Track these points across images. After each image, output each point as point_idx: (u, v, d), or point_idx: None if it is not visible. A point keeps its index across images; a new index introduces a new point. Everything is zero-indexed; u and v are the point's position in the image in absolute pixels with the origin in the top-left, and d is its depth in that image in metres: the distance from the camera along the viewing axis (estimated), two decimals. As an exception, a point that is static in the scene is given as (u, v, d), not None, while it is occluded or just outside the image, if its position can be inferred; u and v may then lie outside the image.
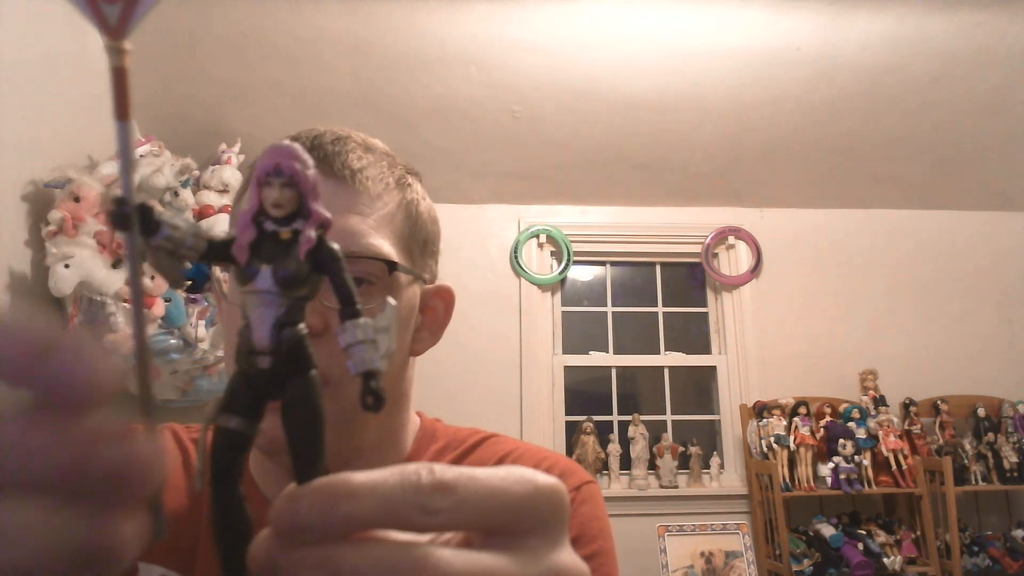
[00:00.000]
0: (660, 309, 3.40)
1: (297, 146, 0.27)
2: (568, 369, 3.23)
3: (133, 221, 0.24)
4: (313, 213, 0.27)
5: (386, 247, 0.60)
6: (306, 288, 0.27)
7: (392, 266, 0.60)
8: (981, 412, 3.07)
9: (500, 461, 0.67)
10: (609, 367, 3.29)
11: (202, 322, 2.23)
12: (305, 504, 0.23)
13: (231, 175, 2.49)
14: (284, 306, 0.26)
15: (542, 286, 3.25)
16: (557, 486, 0.27)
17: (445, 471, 0.24)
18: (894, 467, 2.88)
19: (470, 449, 0.70)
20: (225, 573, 0.26)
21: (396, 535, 0.24)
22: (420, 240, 0.66)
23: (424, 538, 0.24)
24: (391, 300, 0.27)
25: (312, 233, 0.27)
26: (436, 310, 0.69)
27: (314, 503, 0.23)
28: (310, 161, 0.27)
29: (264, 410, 0.27)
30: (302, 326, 0.27)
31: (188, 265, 0.27)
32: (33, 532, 0.20)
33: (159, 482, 0.22)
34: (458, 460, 0.66)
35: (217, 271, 0.65)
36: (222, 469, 0.26)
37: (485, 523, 0.25)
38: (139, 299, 0.26)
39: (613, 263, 3.44)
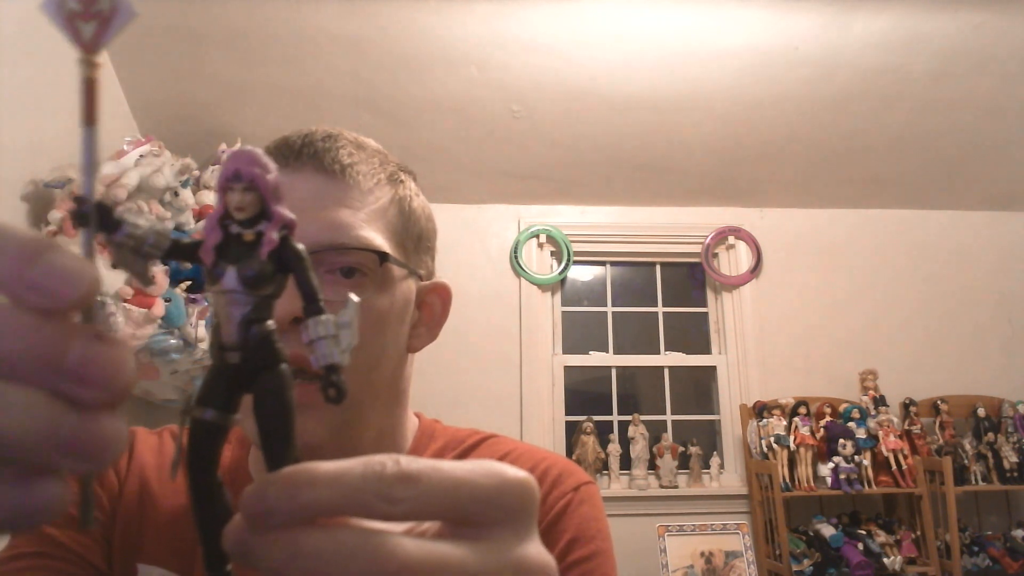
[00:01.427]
0: (660, 309, 3.40)
1: (257, 151, 0.28)
2: (568, 369, 3.23)
3: (91, 218, 0.26)
4: (275, 215, 0.28)
5: (378, 240, 0.61)
6: (271, 287, 0.28)
7: (383, 257, 0.60)
8: (981, 412, 3.07)
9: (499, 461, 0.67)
10: (609, 367, 3.29)
11: (202, 322, 2.23)
12: (272, 490, 0.24)
13: (231, 175, 2.49)
14: (250, 304, 0.28)
15: (542, 286, 3.25)
16: (526, 479, 0.28)
17: (411, 462, 0.25)
18: (894, 467, 2.88)
19: (469, 449, 0.70)
20: (205, 555, 0.28)
21: (363, 522, 0.25)
22: (414, 235, 0.66)
23: (391, 526, 0.25)
24: (353, 297, 0.28)
25: (275, 234, 0.28)
26: (433, 307, 0.69)
27: (280, 490, 0.24)
28: (271, 165, 0.28)
29: (238, 403, 0.28)
30: (270, 323, 0.28)
31: (156, 266, 0.28)
32: (17, 412, 0.21)
33: (130, 384, 0.23)
34: (457, 460, 0.66)
35: None
36: (199, 458, 0.28)
37: (450, 513, 0.26)
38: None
39: (613, 263, 3.44)
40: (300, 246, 0.28)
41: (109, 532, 0.64)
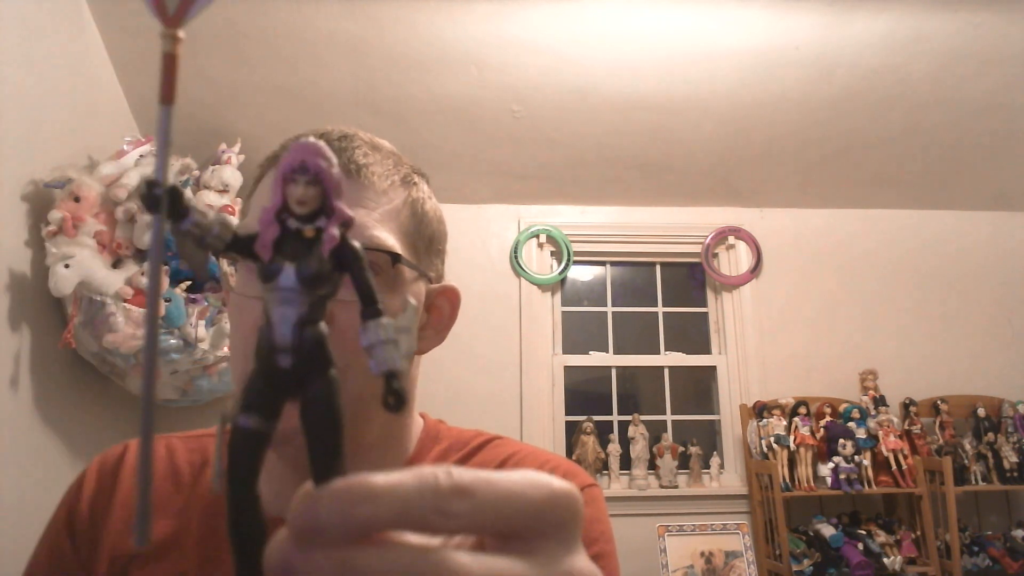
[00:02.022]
0: (660, 309, 3.40)
1: (322, 143, 0.27)
2: (568, 369, 3.23)
3: (163, 203, 0.25)
4: (337, 211, 0.27)
5: (390, 240, 0.61)
6: (328, 286, 0.27)
7: (396, 258, 0.60)
8: (981, 412, 3.07)
9: (503, 463, 0.68)
10: (609, 367, 3.29)
11: (202, 322, 2.23)
12: (324, 505, 0.23)
13: (231, 175, 2.49)
14: (306, 304, 0.26)
15: (542, 286, 3.25)
16: (572, 491, 0.27)
17: (463, 474, 0.24)
18: (894, 467, 2.88)
19: (474, 451, 0.70)
20: (238, 573, 0.26)
21: (412, 537, 0.24)
22: (425, 238, 0.66)
23: (440, 541, 0.24)
24: (412, 300, 0.28)
25: (335, 231, 0.27)
26: (442, 310, 0.69)
27: (333, 504, 0.23)
28: (334, 159, 0.27)
29: (282, 409, 0.27)
30: (323, 324, 0.27)
31: (211, 257, 0.28)
32: None
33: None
34: (462, 461, 0.67)
35: (224, 264, 0.65)
36: (239, 468, 0.26)
37: (502, 527, 0.25)
38: (156, 283, 0.26)
39: (613, 263, 3.44)
40: (357, 244, 0.28)
41: (90, 566, 0.64)
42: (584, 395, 3.24)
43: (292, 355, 0.26)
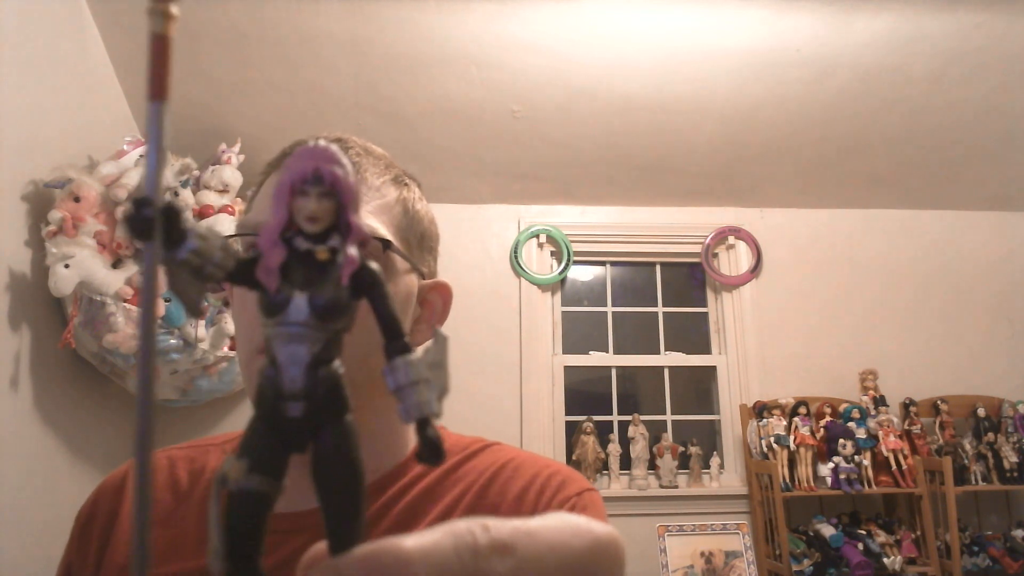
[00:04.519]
0: (660, 309, 3.40)
1: (335, 148, 0.23)
2: (568, 369, 3.23)
3: (156, 227, 0.20)
4: (354, 227, 0.23)
5: (382, 230, 0.63)
6: (345, 318, 0.23)
7: (386, 244, 0.62)
8: (981, 412, 3.07)
9: (501, 468, 0.68)
10: (609, 367, 3.29)
11: (202, 322, 2.23)
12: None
13: (231, 175, 2.49)
14: (320, 341, 0.22)
15: (542, 286, 3.25)
16: (614, 536, 0.25)
17: (500, 528, 0.22)
18: (894, 467, 2.88)
19: (471, 456, 0.70)
20: None
21: None
22: (417, 234, 0.69)
23: None
24: (442, 331, 0.24)
25: (354, 252, 0.23)
26: (434, 304, 0.71)
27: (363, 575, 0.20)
28: (350, 165, 0.23)
29: (288, 464, 0.23)
30: (338, 363, 0.23)
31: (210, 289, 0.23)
32: None
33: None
34: (459, 465, 0.68)
35: None
36: (240, 538, 0.22)
37: None
38: (150, 319, 0.21)
39: (613, 263, 3.44)
40: (376, 266, 0.23)
41: None
42: (584, 395, 3.24)
43: (304, 403, 0.22)
